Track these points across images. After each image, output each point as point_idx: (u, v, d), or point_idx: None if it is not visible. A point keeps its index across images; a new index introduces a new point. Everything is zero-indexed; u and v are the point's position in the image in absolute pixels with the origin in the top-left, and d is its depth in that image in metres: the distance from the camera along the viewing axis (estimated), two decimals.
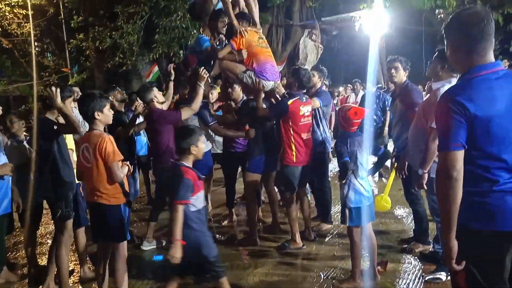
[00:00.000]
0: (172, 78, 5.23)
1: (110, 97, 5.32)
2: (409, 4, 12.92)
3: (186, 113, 4.54)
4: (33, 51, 15.34)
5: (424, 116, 3.63)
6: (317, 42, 14.55)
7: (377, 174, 7.47)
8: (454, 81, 3.64)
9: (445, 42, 2.07)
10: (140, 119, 5.55)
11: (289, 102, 4.48)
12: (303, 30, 15.02)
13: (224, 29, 5.04)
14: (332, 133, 7.02)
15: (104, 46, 13.57)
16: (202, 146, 3.17)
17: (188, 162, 3.10)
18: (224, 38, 5.09)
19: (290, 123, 4.51)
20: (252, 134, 4.88)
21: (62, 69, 16.61)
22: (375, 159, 5.09)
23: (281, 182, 4.77)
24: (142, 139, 6.52)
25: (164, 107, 4.82)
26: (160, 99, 4.65)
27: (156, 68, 13.59)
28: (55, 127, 3.81)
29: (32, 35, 14.92)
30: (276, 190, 5.22)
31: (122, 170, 3.32)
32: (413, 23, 14.75)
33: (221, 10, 5.08)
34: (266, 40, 5.02)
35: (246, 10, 5.09)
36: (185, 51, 11.88)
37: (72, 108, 4.36)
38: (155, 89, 4.58)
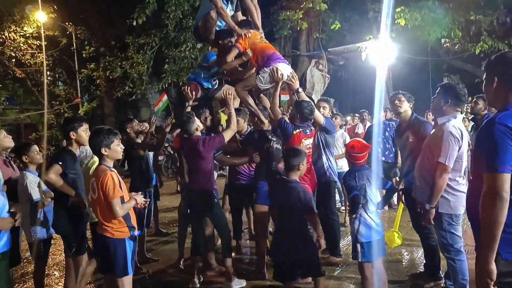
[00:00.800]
0: (191, 102, 5.04)
1: (128, 129, 5.42)
2: (415, 35, 13.10)
3: (227, 135, 4.53)
4: (45, 81, 15.66)
5: (431, 150, 3.62)
6: (324, 71, 14.71)
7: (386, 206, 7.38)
8: (458, 116, 3.67)
9: (486, 79, 2.19)
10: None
11: (295, 132, 4.51)
12: (310, 60, 15.21)
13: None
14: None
15: (114, 76, 13.82)
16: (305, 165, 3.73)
17: (297, 178, 3.69)
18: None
19: None
20: (257, 159, 4.87)
21: (73, 101, 16.88)
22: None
23: None
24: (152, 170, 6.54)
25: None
26: (200, 127, 4.69)
27: (165, 97, 13.82)
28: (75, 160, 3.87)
29: (44, 65, 15.28)
30: None
31: (127, 204, 3.33)
32: (419, 53, 14.89)
33: (224, 31, 5.19)
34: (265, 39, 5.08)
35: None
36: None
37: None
38: (197, 119, 4.57)
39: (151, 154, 5.89)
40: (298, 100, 4.78)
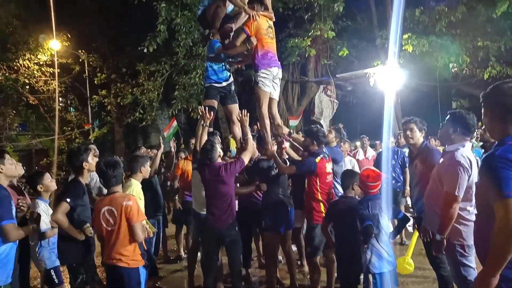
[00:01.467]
0: (207, 122, 4.84)
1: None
2: (423, 61, 13.18)
3: (246, 158, 4.54)
4: (57, 107, 15.93)
5: (440, 179, 3.58)
6: (332, 97, 14.79)
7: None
8: (467, 144, 3.61)
9: (483, 111, 2.20)
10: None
11: (317, 160, 4.50)
12: (318, 86, 15.33)
13: (232, 32, 5.15)
14: None
15: (125, 102, 14.02)
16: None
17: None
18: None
19: (318, 182, 4.49)
20: (264, 187, 4.86)
21: (84, 125, 17.11)
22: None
23: (310, 244, 4.63)
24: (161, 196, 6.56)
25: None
26: (221, 154, 4.69)
27: (174, 123, 13.94)
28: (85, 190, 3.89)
29: (57, 91, 15.58)
30: (294, 249, 5.11)
31: (144, 231, 3.35)
32: (427, 79, 14.94)
33: (229, 16, 5.23)
34: (274, 30, 5.05)
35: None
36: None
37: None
38: (219, 147, 4.60)
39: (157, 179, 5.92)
40: (307, 128, 4.81)
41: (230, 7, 5.25)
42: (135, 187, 4.27)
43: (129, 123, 15.26)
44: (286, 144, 5.22)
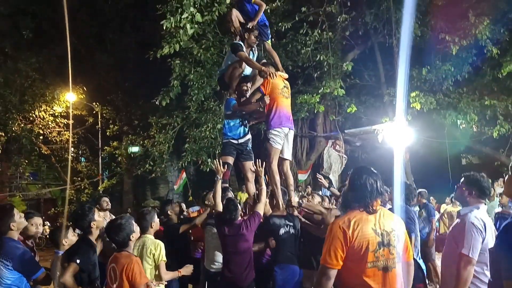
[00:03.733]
0: (221, 176, 4.80)
1: (168, 211, 5.42)
2: (431, 118, 13.32)
3: (261, 209, 4.58)
4: (69, 157, 16.18)
5: (455, 241, 3.54)
6: (341, 152, 14.86)
7: None
8: (482, 206, 3.60)
9: (508, 177, 2.34)
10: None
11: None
12: (327, 141, 15.45)
13: (248, 92, 5.34)
14: None
15: (136, 154, 14.17)
16: None
17: None
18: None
19: None
20: (273, 244, 4.80)
21: (94, 177, 17.27)
22: None
23: None
24: None
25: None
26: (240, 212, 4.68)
27: (184, 175, 14.01)
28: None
29: (70, 142, 15.89)
30: None
31: None
32: (435, 136, 15.00)
33: (246, 77, 5.45)
34: (289, 90, 5.23)
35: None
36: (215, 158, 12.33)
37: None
38: (239, 206, 4.61)
39: None
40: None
41: (248, 69, 5.51)
42: (161, 250, 4.11)
43: (138, 174, 15.37)
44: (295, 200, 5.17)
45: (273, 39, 8.19)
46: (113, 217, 6.44)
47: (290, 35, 12.46)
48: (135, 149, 14.24)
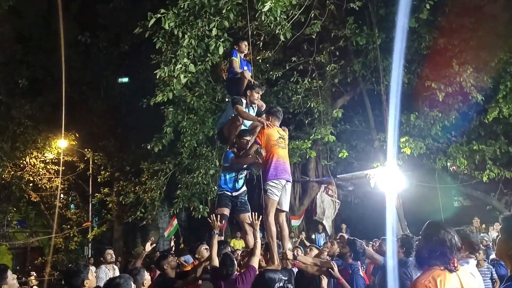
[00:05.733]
0: (217, 231, 4.80)
1: (164, 266, 5.30)
2: (421, 162, 13.48)
3: (256, 263, 4.59)
4: (58, 204, 15.94)
5: None
6: (334, 197, 14.83)
7: None
8: (471, 261, 3.72)
9: (504, 232, 2.33)
10: None
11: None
12: (319, 185, 15.44)
13: (249, 144, 5.35)
14: None
15: (127, 201, 14.01)
16: None
17: None
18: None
19: None
20: None
21: (83, 225, 16.97)
22: None
23: None
24: None
25: None
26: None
27: (175, 222, 13.81)
28: None
29: (59, 189, 15.70)
30: None
31: None
32: (426, 180, 15.12)
33: (246, 130, 5.51)
34: (286, 140, 5.25)
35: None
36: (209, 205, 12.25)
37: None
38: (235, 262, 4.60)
39: None
40: (350, 239, 5.03)
41: (247, 123, 5.63)
42: None
43: (129, 221, 15.11)
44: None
45: (264, 86, 8.38)
46: (117, 270, 6.33)
47: (281, 83, 12.79)
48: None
